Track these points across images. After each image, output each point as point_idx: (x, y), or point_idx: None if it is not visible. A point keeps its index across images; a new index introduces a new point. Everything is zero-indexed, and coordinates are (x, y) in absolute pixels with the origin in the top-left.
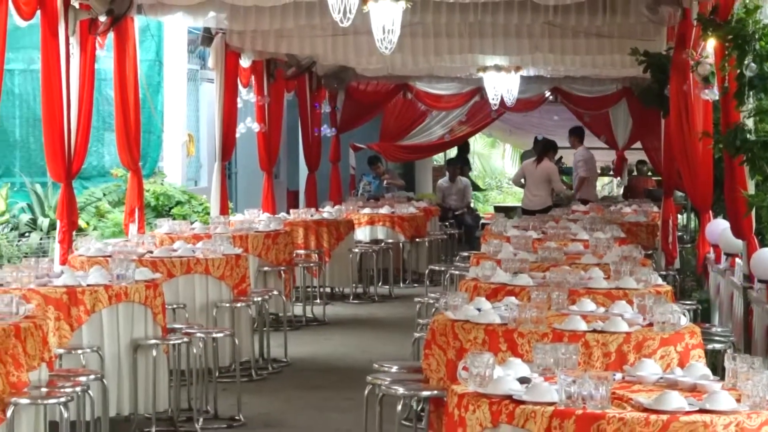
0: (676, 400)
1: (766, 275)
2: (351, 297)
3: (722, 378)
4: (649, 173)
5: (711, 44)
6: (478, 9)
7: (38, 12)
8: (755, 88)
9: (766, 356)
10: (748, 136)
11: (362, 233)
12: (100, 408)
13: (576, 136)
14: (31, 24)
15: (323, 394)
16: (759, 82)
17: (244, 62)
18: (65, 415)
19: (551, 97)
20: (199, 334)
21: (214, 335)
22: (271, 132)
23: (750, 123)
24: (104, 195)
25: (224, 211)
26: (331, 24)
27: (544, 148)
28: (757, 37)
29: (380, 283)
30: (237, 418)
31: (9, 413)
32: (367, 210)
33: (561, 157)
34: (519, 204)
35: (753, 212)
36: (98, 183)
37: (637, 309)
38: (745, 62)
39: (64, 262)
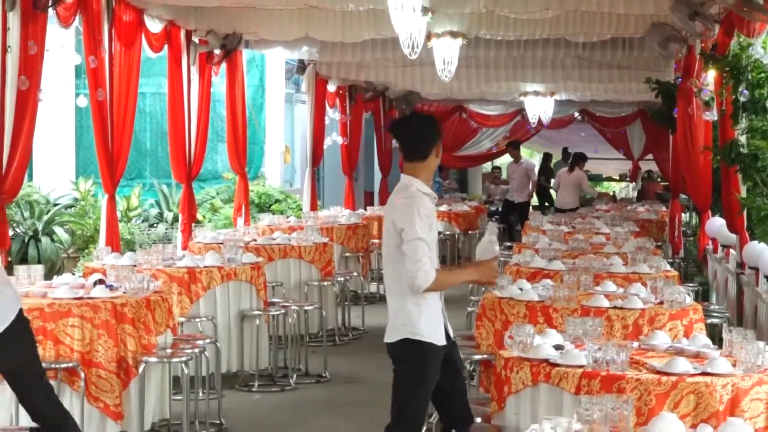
0: (682, 365)
1: (754, 263)
2: None
3: (720, 347)
4: (659, 179)
5: (711, 74)
6: (521, 45)
7: (166, 46)
8: (747, 110)
9: (756, 329)
10: (741, 149)
11: None
12: (213, 366)
13: (514, 148)
14: (159, 56)
15: None
16: (751, 105)
17: (331, 87)
18: (186, 371)
19: (579, 117)
20: (293, 307)
21: (306, 308)
22: (352, 144)
23: (743, 139)
24: (217, 194)
25: (314, 207)
26: (401, 57)
27: (575, 160)
28: (749, 69)
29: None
30: (324, 375)
31: (141, 369)
32: None
33: (588, 170)
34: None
35: (745, 212)
36: (213, 184)
37: (650, 290)
38: (739, 89)
39: (185, 247)
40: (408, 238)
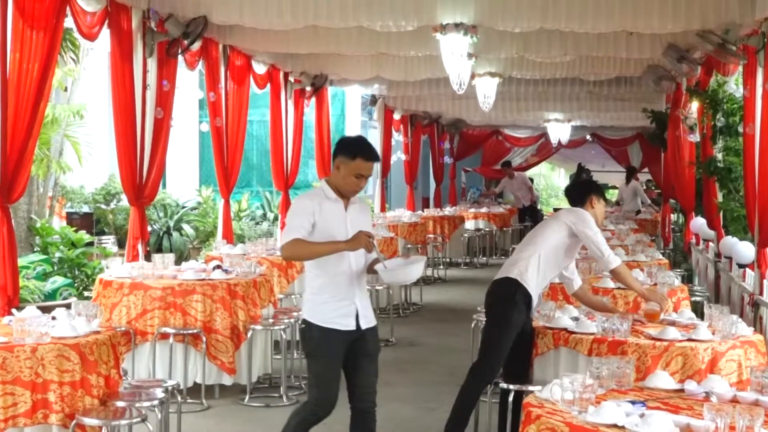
0: (672, 333)
1: (729, 253)
2: (462, 264)
3: (702, 319)
4: (653, 187)
5: (695, 105)
6: (545, 83)
7: (268, 84)
8: (723, 133)
9: (730, 305)
10: (718, 164)
11: (470, 224)
12: None
13: (508, 167)
14: (263, 92)
15: (445, 325)
16: (726, 129)
17: (396, 116)
18: (284, 336)
19: (590, 138)
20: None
21: (376, 287)
22: (412, 160)
23: (720, 156)
24: None
25: (383, 209)
26: (451, 92)
27: (629, 172)
28: (725, 101)
29: (481, 256)
30: (391, 339)
31: (249, 335)
32: (472, 209)
33: (597, 180)
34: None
35: (721, 213)
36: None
37: (646, 274)
38: (717, 117)
39: None
40: (593, 232)
